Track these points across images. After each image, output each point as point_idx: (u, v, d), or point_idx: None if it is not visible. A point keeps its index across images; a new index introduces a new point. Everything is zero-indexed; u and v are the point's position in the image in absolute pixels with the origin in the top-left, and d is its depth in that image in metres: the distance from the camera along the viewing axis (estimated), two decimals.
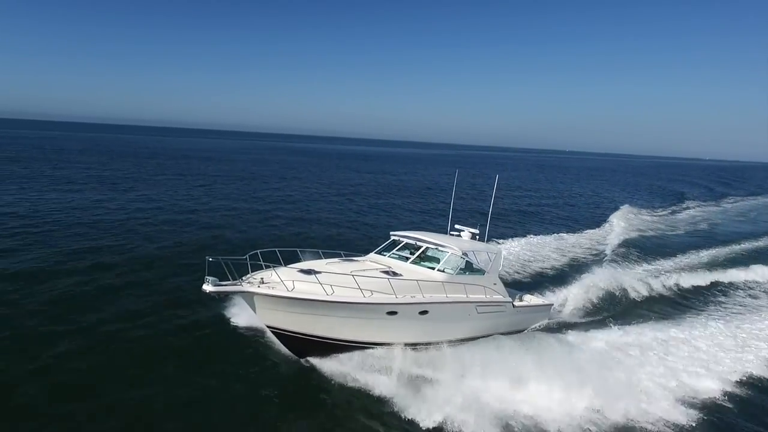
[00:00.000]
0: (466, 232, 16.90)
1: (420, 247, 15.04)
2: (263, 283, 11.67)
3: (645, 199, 60.09)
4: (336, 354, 12.72)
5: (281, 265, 12.46)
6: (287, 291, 11.42)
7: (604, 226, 37.04)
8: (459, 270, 14.53)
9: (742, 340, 16.29)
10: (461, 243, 15.54)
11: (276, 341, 12.75)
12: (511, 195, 55.41)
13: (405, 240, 15.53)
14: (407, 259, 14.74)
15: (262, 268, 12.24)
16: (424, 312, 13.05)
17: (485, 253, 15.62)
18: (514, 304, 16.09)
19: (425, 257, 15.01)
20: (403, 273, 13.60)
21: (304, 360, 12.80)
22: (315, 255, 14.42)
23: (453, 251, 14.66)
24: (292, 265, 12.68)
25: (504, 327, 15.64)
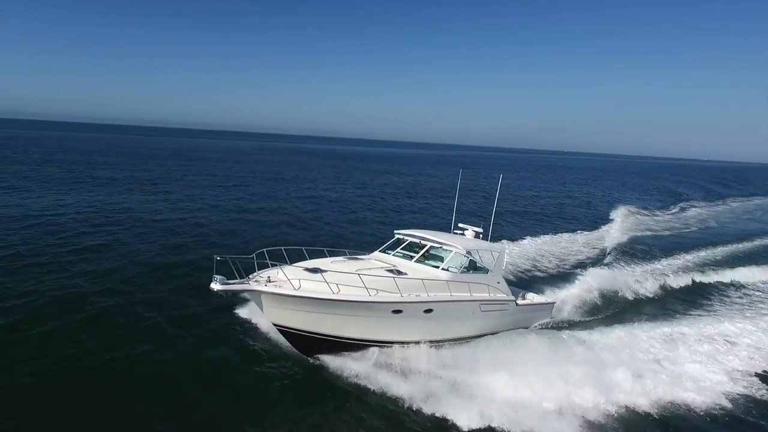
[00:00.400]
0: (469, 230, 16.98)
1: (424, 246, 15.11)
2: (270, 282, 11.75)
3: (645, 200, 60.21)
4: (342, 352, 12.82)
5: (287, 264, 12.53)
6: (294, 290, 11.51)
7: (604, 225, 37.20)
8: (463, 269, 14.63)
9: (742, 338, 16.40)
10: (465, 242, 15.63)
11: (283, 339, 12.87)
12: (513, 195, 55.51)
13: (409, 239, 15.60)
14: (412, 258, 14.79)
15: (268, 266, 12.30)
16: (428, 310, 13.14)
17: (489, 252, 15.69)
18: (517, 302, 16.20)
19: (429, 256, 15.07)
20: (408, 272, 13.68)
21: (311, 358, 12.90)
22: (320, 253, 14.48)
23: (457, 250, 14.74)
24: (297, 264, 12.75)
25: (507, 325, 15.74)
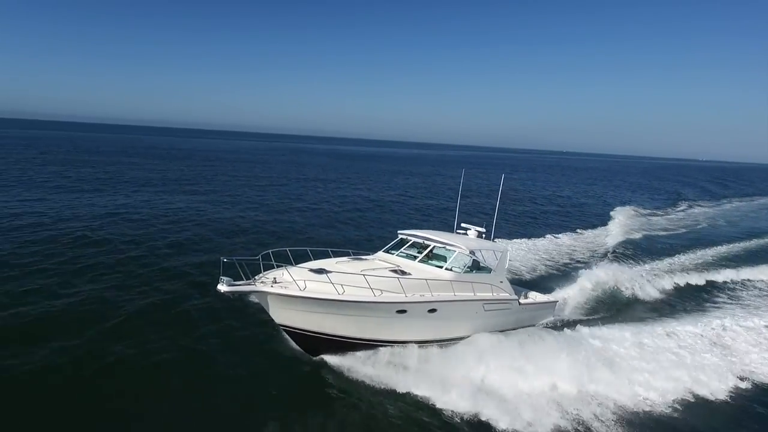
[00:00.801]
0: (472, 230, 17.05)
1: (428, 246, 15.18)
2: (276, 283, 11.84)
3: (645, 200, 60.38)
4: (346, 352, 12.91)
5: (292, 265, 12.61)
6: (299, 290, 11.59)
7: (605, 225, 37.32)
8: (466, 268, 14.71)
9: (742, 338, 16.51)
10: (468, 242, 15.71)
11: (288, 339, 12.95)
12: (515, 195, 55.62)
13: (413, 239, 15.67)
14: (415, 258, 14.86)
15: (273, 267, 12.39)
16: (432, 310, 13.23)
17: (492, 252, 15.77)
18: (520, 301, 16.29)
19: (433, 256, 15.15)
20: (412, 272, 13.76)
21: (315, 357, 12.98)
22: (324, 254, 14.52)
23: (460, 250, 14.82)
24: (302, 265, 12.83)
25: (511, 324, 15.84)
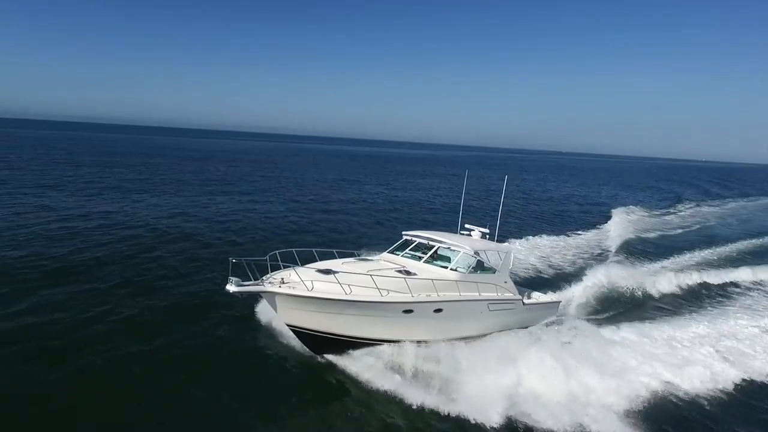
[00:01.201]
0: (476, 231, 17.16)
1: (432, 247, 15.31)
2: (284, 283, 11.95)
3: (646, 200, 60.56)
4: (352, 351, 13.03)
5: (299, 266, 12.72)
6: (307, 290, 11.71)
7: (607, 225, 37.37)
8: (471, 269, 14.83)
9: (744, 337, 16.64)
10: (473, 242, 15.84)
11: (294, 339, 13.06)
12: (516, 195, 55.77)
13: (417, 240, 15.77)
14: (420, 259, 14.97)
15: (280, 268, 12.52)
16: (438, 310, 13.34)
17: (496, 252, 15.90)
18: (524, 301, 16.41)
19: (437, 256, 15.27)
20: (418, 272, 13.86)
21: (321, 357, 13.10)
22: (330, 255, 14.62)
23: (465, 250, 14.94)
24: (309, 265, 12.95)
25: (515, 324, 15.95)
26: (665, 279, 22.86)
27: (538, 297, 17.90)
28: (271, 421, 10.82)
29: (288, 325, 12.60)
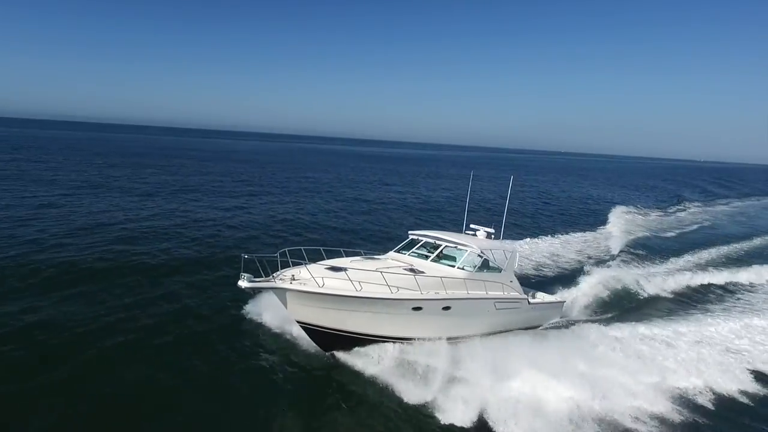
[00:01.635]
0: (481, 231, 17.26)
1: (438, 246, 15.44)
2: (294, 280, 12.07)
3: (648, 200, 60.63)
4: (360, 348, 13.16)
5: (308, 263, 12.84)
6: (318, 287, 11.84)
7: (609, 226, 37.37)
8: (477, 268, 14.94)
9: (747, 338, 16.70)
10: (479, 242, 15.97)
11: (300, 337, 13.24)
12: (518, 196, 55.87)
13: (423, 239, 15.92)
14: (427, 258, 15.12)
15: (290, 265, 12.61)
16: (447, 308, 13.47)
17: (501, 252, 16.03)
18: (529, 300, 16.53)
19: (443, 256, 15.39)
20: (425, 270, 13.97)
21: (329, 354, 13.23)
22: (337, 254, 14.74)
23: (471, 249, 15.08)
24: (319, 263, 13.08)
25: (520, 323, 16.09)
26: (669, 279, 22.95)
27: (542, 297, 18.01)
28: (275, 419, 10.93)
29: (298, 322, 12.70)
